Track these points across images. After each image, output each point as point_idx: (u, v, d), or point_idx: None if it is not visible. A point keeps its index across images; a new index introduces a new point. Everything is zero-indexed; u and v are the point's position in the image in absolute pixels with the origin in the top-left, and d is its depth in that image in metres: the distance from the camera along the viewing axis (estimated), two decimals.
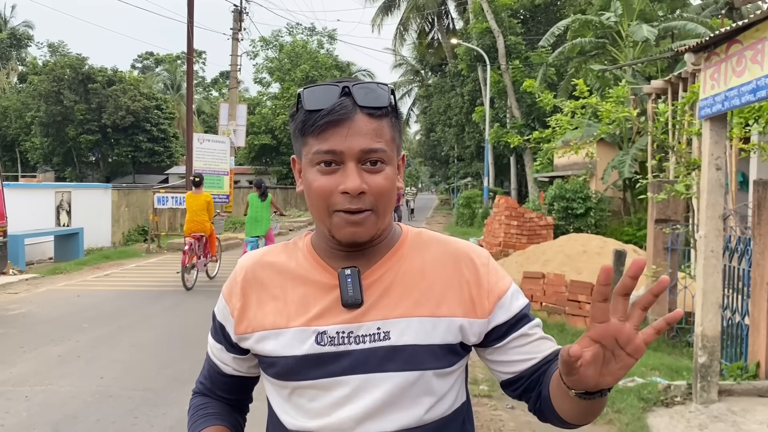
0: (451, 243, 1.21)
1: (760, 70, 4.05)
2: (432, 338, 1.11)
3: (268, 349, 1.14)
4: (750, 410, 4.75)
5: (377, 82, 1.13)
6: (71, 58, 37.28)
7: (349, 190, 1.05)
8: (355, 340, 1.10)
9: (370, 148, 1.06)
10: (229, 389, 1.30)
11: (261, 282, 1.19)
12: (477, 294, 1.14)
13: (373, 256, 1.15)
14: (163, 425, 4.42)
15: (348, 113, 1.06)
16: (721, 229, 5.00)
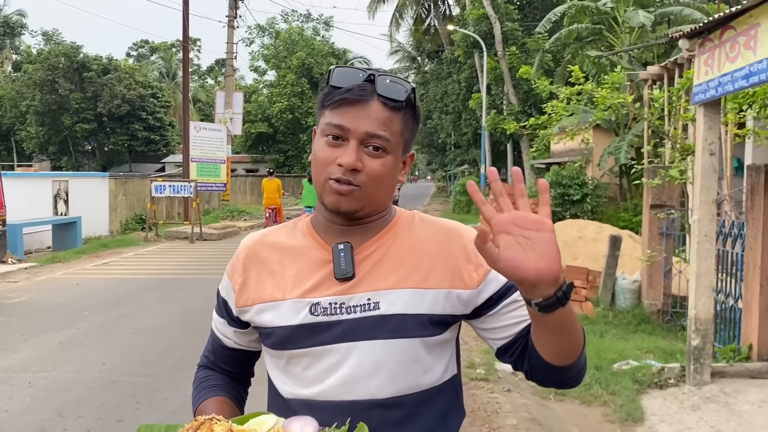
0: (442, 222, 1.28)
1: (753, 56, 4.09)
2: (419, 308, 1.16)
3: (266, 320, 1.21)
4: (742, 391, 4.83)
5: (403, 78, 1.20)
6: (66, 47, 37.12)
7: (344, 164, 1.13)
8: (347, 311, 1.16)
9: (374, 133, 1.14)
10: (231, 362, 1.37)
11: (261, 259, 1.26)
12: (465, 267, 1.20)
13: (366, 232, 1.22)
14: (166, 410, 4.49)
15: (364, 96, 1.14)
16: (714, 213, 5.06)
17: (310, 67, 38.92)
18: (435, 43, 37.20)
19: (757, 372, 5.12)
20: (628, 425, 4.41)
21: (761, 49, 3.99)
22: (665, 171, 5.94)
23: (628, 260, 8.26)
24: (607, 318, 7.40)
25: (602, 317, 7.40)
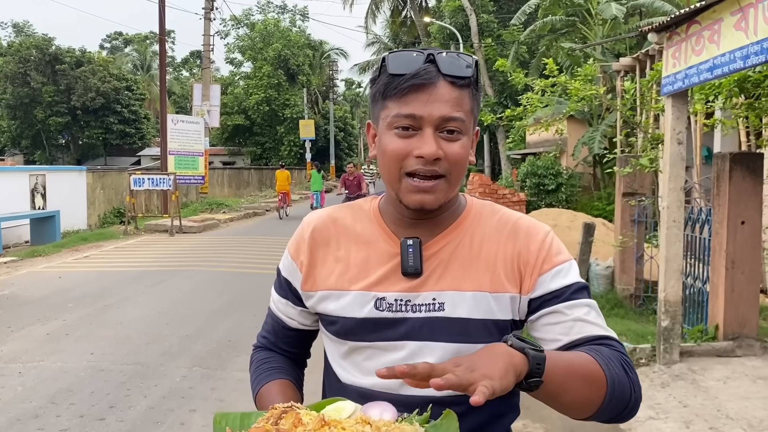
0: (512, 219, 1.21)
1: (716, 50, 4.31)
2: (484, 313, 1.14)
3: (329, 308, 1.20)
4: (708, 369, 5.09)
5: (461, 52, 1.13)
6: (37, 39, 36.56)
7: (425, 155, 1.07)
8: (412, 309, 1.15)
9: (450, 116, 1.07)
10: (293, 343, 1.33)
11: (327, 241, 1.23)
12: (525, 271, 1.16)
13: (436, 226, 1.18)
14: (156, 395, 4.61)
15: (432, 79, 1.07)
16: (682, 200, 5.30)
17: (286, 58, 38.81)
18: (412, 35, 37.29)
19: (723, 350, 5.38)
20: None
21: (724, 42, 4.21)
22: (636, 160, 6.17)
23: (601, 247, 8.51)
24: None
25: None
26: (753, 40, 3.85)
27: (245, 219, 20.11)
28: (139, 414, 4.28)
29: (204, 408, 4.40)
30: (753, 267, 5.51)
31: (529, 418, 4.25)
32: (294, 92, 39.91)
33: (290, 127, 39.23)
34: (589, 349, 1.09)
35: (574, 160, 16.00)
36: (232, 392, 4.69)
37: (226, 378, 4.98)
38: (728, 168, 5.45)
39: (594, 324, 1.13)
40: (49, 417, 4.19)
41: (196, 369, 5.20)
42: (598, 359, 1.05)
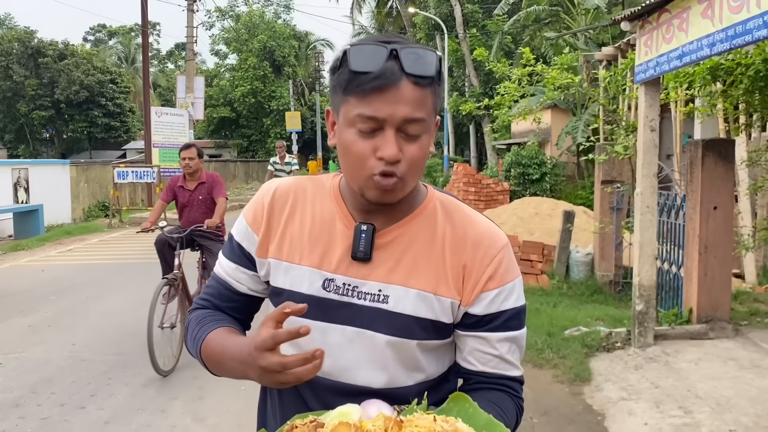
0: (472, 224, 1.21)
1: (685, 38, 4.38)
2: (426, 313, 1.16)
3: (278, 279, 1.21)
4: (682, 351, 5.20)
5: (425, 47, 1.10)
6: (19, 32, 36.16)
7: (386, 158, 1.07)
8: (358, 296, 1.16)
9: (411, 117, 1.07)
10: (238, 308, 1.30)
11: (284, 211, 1.23)
12: (468, 283, 1.17)
13: (392, 215, 1.18)
14: (137, 384, 4.66)
15: (395, 80, 1.05)
16: (655, 186, 5.39)
17: (272, 50, 38.64)
18: (397, 26, 37.23)
19: (696, 333, 5.49)
20: (576, 385, 4.73)
21: (692, 30, 4.28)
22: (611, 147, 6.25)
23: (582, 234, 8.63)
24: (561, 289, 7.75)
25: (557, 289, 7.74)
26: (719, 27, 3.93)
27: (230, 211, 20.06)
28: (120, 402, 4.33)
29: (184, 395, 4.45)
30: (725, 251, 5.62)
31: None
32: (280, 84, 39.76)
33: (276, 119, 39.11)
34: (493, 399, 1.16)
35: (558, 150, 16.12)
36: (212, 380, 4.72)
37: None
38: (701, 155, 5.54)
39: (510, 364, 1.20)
40: (29, 406, 4.23)
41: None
42: (499, 420, 1.09)
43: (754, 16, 3.53)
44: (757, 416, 3.90)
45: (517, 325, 1.20)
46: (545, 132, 17.39)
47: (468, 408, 1.06)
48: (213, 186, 5.65)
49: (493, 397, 1.18)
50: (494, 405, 1.15)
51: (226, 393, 4.46)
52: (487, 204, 13.92)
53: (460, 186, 14.39)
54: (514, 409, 1.20)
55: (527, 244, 8.33)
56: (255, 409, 1.33)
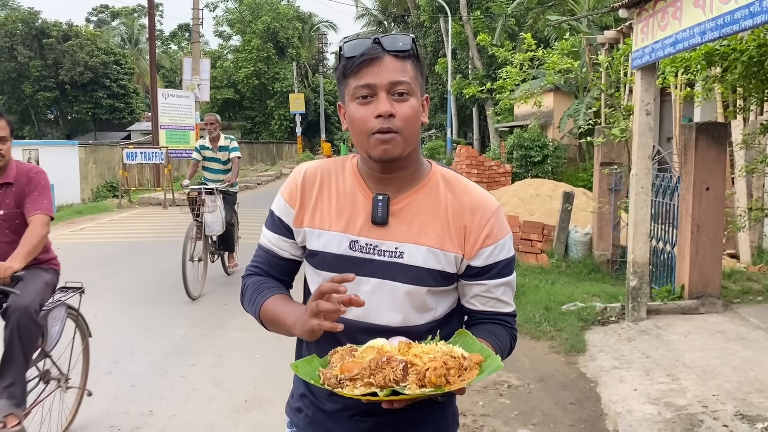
0: (468, 192, 1.47)
1: (678, 25, 4.60)
2: (434, 264, 1.42)
3: (313, 243, 1.49)
4: (673, 325, 5.47)
5: (401, 33, 1.42)
6: (23, 12, 36.19)
7: (382, 113, 1.33)
8: (378, 253, 1.43)
9: (397, 80, 1.35)
10: (283, 271, 1.59)
11: (314, 187, 1.51)
12: (469, 240, 1.43)
13: (402, 185, 1.45)
14: (158, 352, 4.95)
15: (378, 54, 1.35)
16: (650, 167, 5.63)
17: (275, 31, 38.64)
18: (401, 8, 37.16)
19: (687, 308, 5.76)
20: (571, 355, 5.01)
21: (685, 19, 4.50)
22: (608, 130, 6.48)
23: (581, 215, 8.88)
24: (560, 268, 8.02)
25: (556, 267, 8.01)
26: (709, 17, 4.15)
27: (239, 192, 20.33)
28: (143, 368, 4.62)
29: (203, 362, 4.74)
30: (716, 231, 5.87)
31: (504, 368, 4.61)
32: (283, 66, 39.83)
33: (280, 101, 39.23)
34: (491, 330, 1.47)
35: (560, 133, 16.31)
36: (227, 349, 5.03)
37: (223, 337, 5.32)
38: (694, 137, 5.77)
39: (504, 303, 1.50)
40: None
41: (195, 329, 5.54)
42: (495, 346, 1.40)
43: (741, 7, 3.75)
44: (739, 383, 4.18)
45: (509, 271, 1.50)
46: (547, 115, 17.56)
47: (468, 340, 1.37)
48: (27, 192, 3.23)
49: (491, 329, 1.49)
50: (491, 334, 1.47)
51: (242, 360, 4.75)
52: (489, 186, 14.16)
53: (463, 168, 14.62)
54: (508, 336, 1.52)
55: (528, 224, 8.58)
56: (270, 374, 1.63)
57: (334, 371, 1.27)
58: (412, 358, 1.25)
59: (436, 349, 1.29)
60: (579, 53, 14.23)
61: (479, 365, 1.26)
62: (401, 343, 1.31)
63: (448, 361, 1.23)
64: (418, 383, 1.20)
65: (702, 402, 3.91)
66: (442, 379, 1.21)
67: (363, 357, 1.27)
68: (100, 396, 4.08)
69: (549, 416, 3.93)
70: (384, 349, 1.29)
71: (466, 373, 1.23)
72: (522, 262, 8.15)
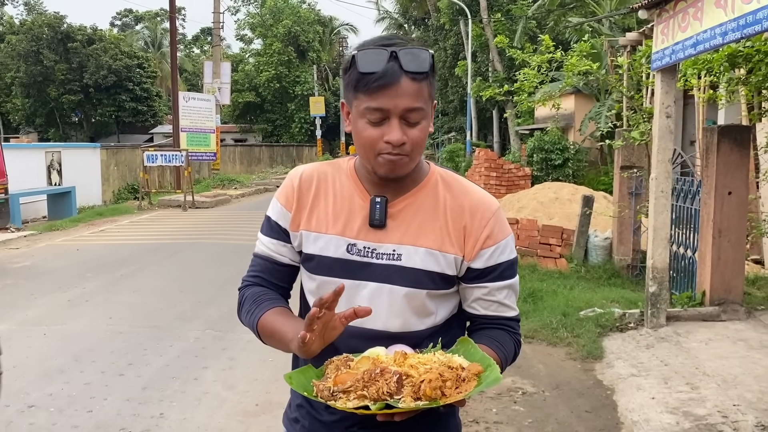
0: (468, 193, 1.44)
1: (699, 26, 4.50)
2: (433, 266, 1.38)
3: (309, 247, 1.44)
4: (693, 332, 5.35)
5: (420, 47, 1.32)
6: (49, 17, 36.70)
7: (393, 142, 1.30)
8: (376, 256, 1.39)
9: (412, 107, 1.29)
10: (282, 277, 1.53)
11: (310, 191, 1.46)
12: (468, 241, 1.39)
13: (401, 188, 1.41)
14: (171, 355, 4.95)
15: (396, 77, 1.27)
16: (670, 171, 5.52)
17: (296, 35, 38.80)
18: (422, 10, 37.13)
19: (708, 315, 5.64)
20: (588, 362, 4.92)
21: (706, 20, 4.40)
22: (627, 133, 6.38)
23: (601, 219, 8.75)
24: (579, 273, 7.90)
25: (575, 272, 7.90)
26: (731, 17, 4.05)
27: (256, 195, 20.46)
28: (156, 370, 4.63)
29: (216, 365, 4.74)
30: (739, 236, 5.74)
31: (518, 375, 4.55)
32: (304, 69, 39.97)
33: (301, 104, 39.37)
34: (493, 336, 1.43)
35: (581, 136, 16.13)
36: (241, 352, 5.02)
37: (237, 340, 5.31)
38: (716, 141, 5.65)
39: (507, 306, 1.45)
40: (73, 373, 4.54)
41: (209, 331, 5.54)
42: (499, 353, 1.38)
43: (764, 6, 3.65)
44: (761, 393, 4.07)
45: (511, 274, 1.44)
46: (569, 117, 17.38)
47: (470, 348, 1.32)
48: None
49: (494, 334, 1.44)
50: (494, 340, 1.42)
51: (254, 363, 4.74)
52: (508, 189, 14.05)
53: (482, 171, 14.53)
54: (512, 342, 1.46)
55: (546, 228, 8.48)
56: (282, 378, 1.57)
57: (327, 383, 1.24)
58: (408, 369, 1.21)
59: (433, 359, 1.25)
60: (600, 55, 14.07)
61: (478, 376, 1.22)
62: (397, 353, 1.27)
63: (444, 373, 1.19)
64: (413, 396, 1.17)
65: (722, 412, 3.80)
66: (437, 391, 1.17)
67: (358, 368, 1.24)
68: (112, 398, 4.10)
69: (564, 424, 3.86)
70: (379, 360, 1.25)
71: (463, 384, 1.19)
72: (540, 266, 8.05)
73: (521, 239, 8.47)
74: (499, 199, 11.87)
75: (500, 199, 11.48)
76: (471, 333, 1.48)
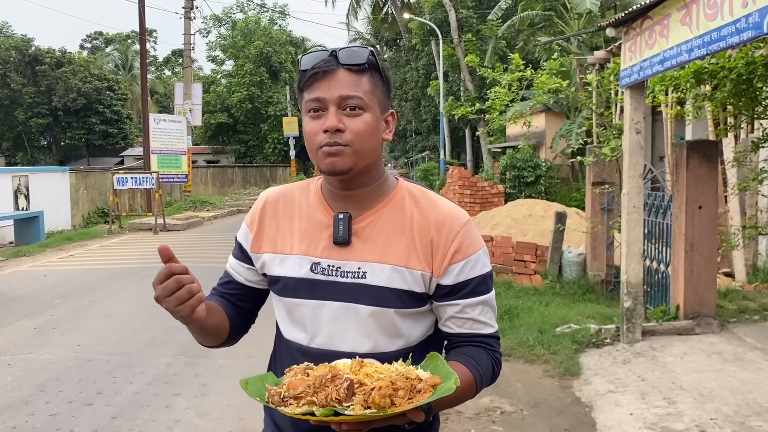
0: (436, 206, 1.39)
1: (666, 43, 4.57)
2: (400, 284, 1.33)
3: (274, 269, 1.42)
4: (668, 346, 5.37)
5: (361, 47, 1.34)
6: (16, 40, 36.24)
7: (328, 128, 1.28)
8: (341, 275, 1.35)
9: (347, 95, 1.28)
10: (241, 297, 1.52)
11: (275, 212, 1.45)
12: (436, 257, 1.34)
13: (365, 203, 1.38)
14: (142, 382, 4.81)
15: (330, 68, 1.29)
16: (641, 186, 5.57)
17: (268, 56, 38.80)
18: (393, 31, 37.47)
19: (683, 329, 5.66)
20: (565, 379, 4.89)
21: (672, 37, 4.47)
22: (598, 149, 6.43)
23: (574, 235, 8.81)
24: (554, 289, 7.92)
25: (550, 288, 7.91)
26: (696, 34, 4.11)
27: (229, 216, 20.27)
28: (126, 399, 4.49)
29: (188, 392, 4.61)
30: (710, 249, 5.79)
31: (496, 394, 4.50)
32: (277, 89, 39.92)
33: (274, 124, 39.25)
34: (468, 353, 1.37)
35: (552, 153, 16.31)
36: (214, 377, 4.90)
37: (209, 365, 5.19)
38: (685, 156, 5.72)
39: (483, 323, 1.39)
40: (38, 404, 4.38)
41: (180, 357, 5.41)
42: (473, 370, 1.33)
43: (728, 24, 3.72)
44: (737, 406, 4.07)
45: (485, 289, 1.38)
46: (539, 135, 17.58)
47: (438, 363, 1.25)
48: None
49: (470, 352, 1.38)
50: (469, 358, 1.36)
51: (227, 389, 4.63)
52: (482, 206, 14.11)
53: (456, 189, 14.58)
54: (490, 360, 1.40)
55: (521, 244, 8.51)
56: (255, 403, 1.52)
57: (279, 388, 1.21)
58: (362, 378, 1.17)
59: (390, 369, 1.21)
60: (570, 73, 14.28)
61: (434, 388, 1.17)
62: (354, 361, 1.23)
63: (397, 381, 1.15)
64: (364, 404, 1.12)
65: (700, 426, 3.80)
66: (386, 399, 1.12)
67: (315, 375, 1.20)
68: (79, 429, 3.96)
69: None
70: (336, 368, 1.21)
71: (418, 395, 1.15)
72: (516, 283, 8.05)
73: (496, 256, 8.48)
74: (473, 216, 11.90)
75: (475, 216, 11.51)
76: (448, 352, 1.43)
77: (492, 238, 8.58)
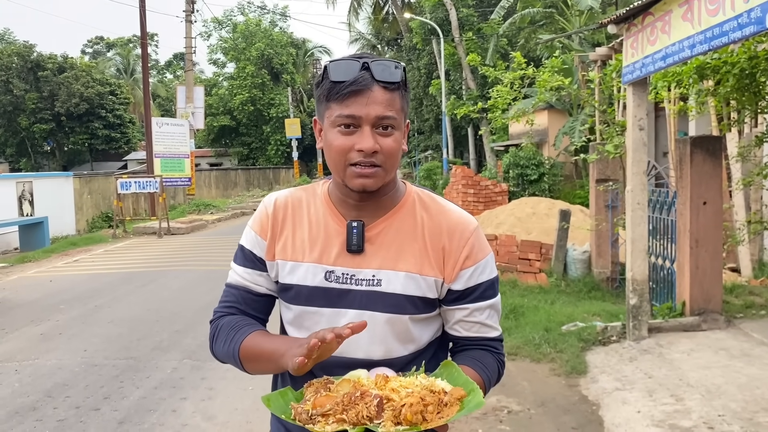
0: (445, 212, 1.41)
1: (667, 39, 4.56)
2: (414, 290, 1.35)
3: (285, 276, 1.40)
4: (675, 343, 5.35)
5: (391, 60, 1.32)
6: (18, 46, 36.35)
7: (365, 149, 1.27)
8: (355, 282, 1.35)
9: (384, 115, 1.28)
10: (260, 307, 1.47)
11: (285, 218, 1.43)
12: (448, 263, 1.36)
13: (377, 210, 1.38)
14: (148, 386, 4.82)
15: (367, 84, 1.27)
16: (645, 183, 5.55)
17: (269, 57, 38.87)
18: (394, 31, 37.48)
19: (689, 325, 5.65)
20: (572, 377, 4.88)
21: (674, 33, 4.46)
22: (602, 146, 6.42)
23: (579, 233, 8.78)
24: (559, 287, 7.91)
25: (555, 286, 7.90)
26: (698, 30, 4.10)
27: (233, 219, 20.27)
28: (133, 403, 4.49)
29: (194, 396, 4.62)
30: (715, 245, 5.78)
31: (503, 393, 4.50)
32: (279, 91, 39.98)
33: (276, 126, 39.33)
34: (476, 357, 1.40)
35: (555, 150, 16.27)
36: (220, 381, 4.91)
37: (215, 369, 5.19)
38: (689, 151, 5.71)
39: (489, 327, 1.43)
40: (46, 409, 4.39)
41: (186, 361, 5.42)
42: (482, 374, 1.36)
43: (729, 19, 3.70)
44: (745, 402, 4.06)
45: (492, 293, 1.42)
46: (542, 133, 17.54)
47: (453, 372, 1.28)
48: None
49: (476, 355, 1.41)
50: (476, 361, 1.39)
51: (234, 392, 4.63)
52: (486, 205, 14.09)
53: (459, 188, 14.56)
54: (495, 363, 1.44)
55: (525, 243, 8.49)
56: (262, 406, 1.51)
57: (306, 406, 1.20)
58: (389, 393, 1.18)
59: (415, 383, 1.22)
60: (571, 71, 14.26)
61: (460, 401, 1.18)
62: (378, 376, 1.24)
63: (426, 397, 1.16)
64: (394, 420, 1.14)
65: (708, 423, 3.79)
66: (418, 416, 1.14)
67: (338, 390, 1.21)
68: None
69: None
70: (360, 383, 1.22)
71: (445, 409, 1.16)
72: (521, 282, 8.04)
73: (500, 255, 8.46)
74: (477, 215, 11.88)
75: (478, 215, 11.50)
76: (454, 354, 1.45)
77: (496, 237, 8.56)
